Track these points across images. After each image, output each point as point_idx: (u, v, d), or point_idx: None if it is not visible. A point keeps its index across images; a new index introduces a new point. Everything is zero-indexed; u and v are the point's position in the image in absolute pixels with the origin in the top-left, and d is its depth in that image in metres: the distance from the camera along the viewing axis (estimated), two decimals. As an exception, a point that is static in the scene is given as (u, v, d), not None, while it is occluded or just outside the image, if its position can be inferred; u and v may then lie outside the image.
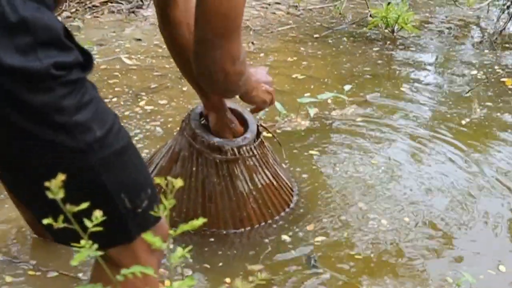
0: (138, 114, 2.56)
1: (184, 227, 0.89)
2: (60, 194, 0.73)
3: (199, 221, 0.89)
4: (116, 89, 2.83)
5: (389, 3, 3.67)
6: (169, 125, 2.45)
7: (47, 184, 0.73)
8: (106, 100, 2.69)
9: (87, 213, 0.81)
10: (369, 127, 2.50)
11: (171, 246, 1.66)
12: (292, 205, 1.89)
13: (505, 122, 2.56)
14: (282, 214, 1.85)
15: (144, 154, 2.11)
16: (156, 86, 2.87)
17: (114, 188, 1.06)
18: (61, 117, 0.95)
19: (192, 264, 1.64)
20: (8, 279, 1.58)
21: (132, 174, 1.10)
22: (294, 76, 3.06)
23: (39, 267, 1.63)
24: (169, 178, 0.84)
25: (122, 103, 2.67)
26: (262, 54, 3.42)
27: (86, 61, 0.99)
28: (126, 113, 2.56)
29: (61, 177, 0.73)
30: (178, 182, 0.85)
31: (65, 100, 0.95)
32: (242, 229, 1.77)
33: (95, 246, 0.82)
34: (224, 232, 1.76)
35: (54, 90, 0.93)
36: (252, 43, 3.59)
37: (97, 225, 0.98)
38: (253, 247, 1.73)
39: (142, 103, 2.67)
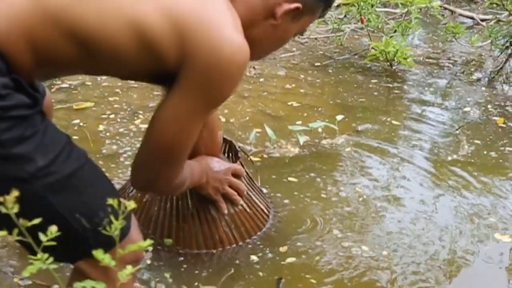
0: (132, 132, 2.64)
1: (131, 247, 0.96)
2: (15, 209, 0.81)
3: (146, 242, 0.97)
4: (115, 106, 2.92)
5: (391, 37, 3.76)
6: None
7: (1, 199, 0.81)
8: (103, 117, 2.79)
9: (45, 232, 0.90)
10: (356, 157, 2.56)
11: (148, 262, 1.77)
12: (264, 229, 1.94)
13: (490, 161, 2.60)
14: (255, 237, 1.90)
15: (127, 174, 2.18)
16: (154, 105, 2.95)
17: (66, 210, 1.17)
18: (1, 150, 1.07)
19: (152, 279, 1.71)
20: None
21: (86, 195, 1.20)
22: (289, 103, 3.13)
23: (14, 275, 1.70)
24: (121, 199, 0.92)
25: (118, 120, 2.75)
26: (262, 79, 3.50)
27: (33, 101, 1.13)
28: (120, 130, 2.64)
29: (14, 193, 0.81)
30: (131, 204, 0.93)
31: (4, 134, 1.07)
32: (214, 250, 1.83)
33: (50, 259, 0.90)
34: (196, 251, 1.82)
35: None
36: (254, 67, 3.67)
37: (60, 242, 1.07)
38: (223, 268, 1.77)
39: (138, 121, 2.75)
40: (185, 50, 1.25)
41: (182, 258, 1.80)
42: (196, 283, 1.69)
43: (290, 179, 2.32)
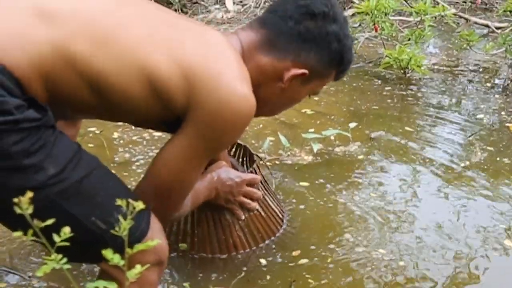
0: (145, 140, 2.69)
1: (139, 247, 1.00)
2: (29, 210, 0.86)
3: (153, 242, 1.02)
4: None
5: (405, 44, 3.79)
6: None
7: (15, 200, 0.87)
8: (119, 124, 2.84)
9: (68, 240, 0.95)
10: (369, 164, 2.59)
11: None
12: (278, 234, 1.98)
13: (503, 167, 2.62)
14: (267, 242, 1.94)
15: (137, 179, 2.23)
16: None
17: (81, 214, 1.24)
18: (10, 161, 1.14)
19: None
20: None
21: (99, 197, 1.26)
22: (303, 110, 3.17)
23: (30, 277, 1.75)
24: (130, 200, 0.97)
25: (133, 128, 2.80)
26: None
27: (42, 115, 1.20)
28: (134, 138, 2.70)
29: (29, 194, 0.86)
30: (140, 205, 0.97)
31: (15, 146, 1.14)
32: (226, 255, 1.87)
33: (64, 259, 0.94)
34: (210, 256, 1.86)
35: (1, 139, 1.13)
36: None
37: (79, 244, 1.12)
38: (235, 271, 1.81)
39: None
40: (193, 98, 1.31)
41: (196, 263, 1.84)
42: (208, 285, 1.73)
43: (304, 185, 2.36)
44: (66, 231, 0.93)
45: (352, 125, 2.84)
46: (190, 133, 1.36)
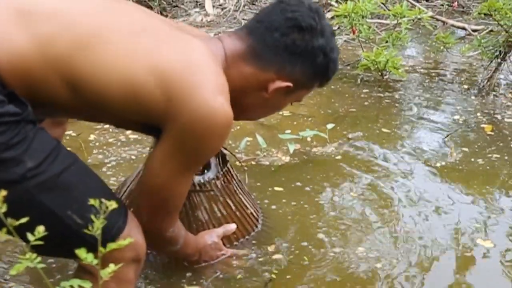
0: (120, 142, 2.69)
1: (112, 246, 1.01)
2: (3, 209, 0.86)
3: (126, 241, 1.02)
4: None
5: (382, 47, 3.82)
6: (143, 155, 2.55)
7: None
8: (97, 127, 2.84)
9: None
10: (346, 165, 2.60)
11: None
12: (253, 233, 1.99)
13: (477, 168, 2.65)
14: (242, 240, 1.95)
15: (112, 181, 2.25)
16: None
17: (58, 208, 1.25)
18: None
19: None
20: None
21: (76, 192, 1.27)
22: (281, 112, 3.18)
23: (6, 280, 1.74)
24: (103, 199, 0.97)
25: (111, 130, 2.80)
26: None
27: (22, 110, 1.21)
28: (110, 140, 2.70)
29: (3, 192, 0.86)
30: (113, 204, 0.98)
31: None
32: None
33: (39, 258, 0.94)
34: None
35: None
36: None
37: (57, 239, 1.12)
38: (209, 268, 1.82)
39: (129, 132, 2.79)
40: (170, 109, 1.33)
41: (171, 262, 1.84)
42: (182, 285, 1.74)
43: (279, 185, 2.37)
44: (41, 230, 0.93)
45: (330, 126, 2.85)
46: (169, 146, 1.38)
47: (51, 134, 1.33)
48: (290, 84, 1.50)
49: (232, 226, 1.86)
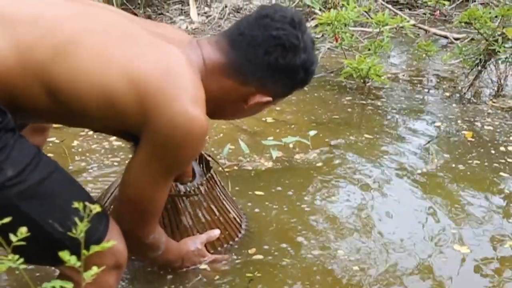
0: (103, 149, 2.70)
1: (95, 248, 1.02)
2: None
3: (109, 244, 1.03)
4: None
5: (365, 54, 3.86)
6: (126, 162, 2.54)
7: None
8: (81, 133, 2.84)
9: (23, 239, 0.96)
10: (328, 171, 2.62)
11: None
12: (237, 239, 2.00)
13: (458, 173, 2.68)
14: (225, 245, 1.96)
15: (89, 189, 2.24)
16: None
17: (38, 216, 1.26)
18: None
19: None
20: None
21: (57, 200, 1.28)
22: (264, 119, 3.20)
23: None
24: (87, 203, 0.98)
25: (95, 136, 2.80)
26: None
27: (2, 119, 1.22)
28: (93, 146, 2.70)
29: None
30: (97, 208, 0.99)
31: None
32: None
33: (21, 260, 0.95)
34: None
35: None
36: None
37: (38, 246, 1.12)
38: (191, 272, 1.84)
39: (112, 138, 2.80)
40: (147, 119, 1.34)
41: (151, 269, 1.85)
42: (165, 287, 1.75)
43: (261, 190, 2.39)
44: (23, 231, 0.94)
45: (312, 133, 2.88)
46: (146, 154, 1.39)
47: (32, 141, 1.34)
48: (270, 99, 1.54)
49: (216, 232, 1.87)
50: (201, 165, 2.09)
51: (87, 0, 1.49)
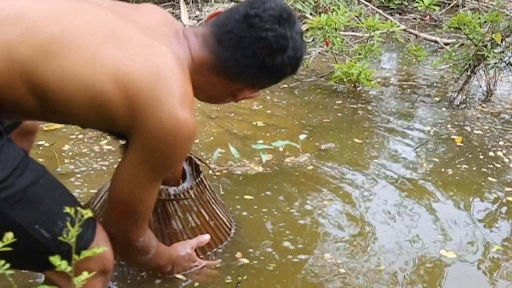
0: (93, 153, 2.69)
1: (85, 253, 1.02)
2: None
3: (99, 249, 1.03)
4: (85, 127, 2.96)
5: (356, 59, 3.88)
6: (115, 166, 2.53)
7: None
8: (71, 137, 2.83)
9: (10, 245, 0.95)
10: (317, 175, 2.63)
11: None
12: (226, 242, 2.01)
13: (446, 178, 2.69)
14: (215, 249, 1.97)
15: (76, 193, 2.25)
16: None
17: (25, 221, 1.25)
18: None
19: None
20: None
21: (43, 206, 1.27)
22: (254, 123, 3.21)
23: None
24: (78, 208, 0.98)
25: (85, 140, 2.80)
26: (229, 101, 3.57)
27: None
28: (84, 150, 2.69)
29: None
30: (88, 213, 0.99)
31: None
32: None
33: (7, 265, 0.95)
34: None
35: None
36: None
37: (24, 252, 1.12)
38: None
39: (103, 142, 2.80)
40: (136, 120, 1.33)
41: (141, 269, 1.85)
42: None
43: (250, 194, 2.39)
44: (9, 236, 0.94)
45: (302, 137, 2.89)
46: (136, 155, 1.39)
47: (19, 145, 1.33)
48: (258, 94, 1.57)
49: (206, 237, 1.87)
50: (192, 169, 2.09)
51: None
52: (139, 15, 1.49)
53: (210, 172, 2.32)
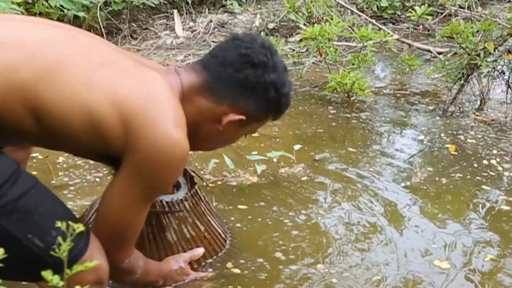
0: (88, 165, 2.69)
1: (78, 268, 1.02)
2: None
3: (92, 263, 1.03)
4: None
5: (350, 69, 3.89)
6: (109, 177, 2.54)
7: None
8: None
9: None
10: (312, 185, 2.63)
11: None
12: (220, 254, 2.00)
13: (440, 187, 2.70)
14: (210, 260, 1.96)
15: (70, 205, 2.22)
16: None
17: (18, 231, 1.26)
18: None
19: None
20: None
21: (36, 215, 1.28)
22: (249, 133, 3.21)
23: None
24: (70, 222, 0.98)
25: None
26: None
27: None
28: (78, 162, 2.69)
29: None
30: (80, 227, 0.99)
31: None
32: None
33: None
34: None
35: None
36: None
37: (18, 262, 1.11)
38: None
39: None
40: (130, 141, 1.36)
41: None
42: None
43: (245, 205, 2.39)
44: (1, 252, 0.94)
45: (297, 147, 2.89)
46: (128, 176, 1.40)
47: (15, 157, 1.35)
48: (243, 117, 1.56)
49: (200, 251, 1.87)
50: (186, 179, 2.09)
51: (72, 27, 1.54)
52: (132, 54, 1.60)
53: (204, 183, 2.32)
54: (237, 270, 1.95)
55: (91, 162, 2.71)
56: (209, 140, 1.64)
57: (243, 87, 1.53)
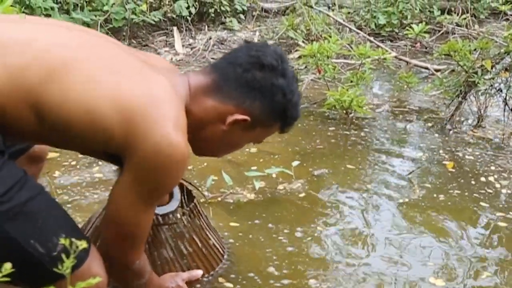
0: (85, 182, 2.70)
1: (81, 285, 1.02)
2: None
3: (96, 280, 1.04)
4: (79, 155, 2.98)
5: (348, 86, 3.92)
6: (106, 194, 2.55)
7: None
8: (65, 164, 2.84)
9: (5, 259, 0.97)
10: (311, 201, 2.64)
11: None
12: (217, 269, 2.01)
13: (439, 204, 2.71)
14: (207, 276, 1.97)
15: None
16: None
17: (20, 236, 1.28)
18: None
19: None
20: None
21: (39, 221, 1.31)
22: (248, 149, 3.22)
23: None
24: (73, 239, 0.99)
25: (78, 167, 2.81)
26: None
27: None
28: (75, 178, 2.71)
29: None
30: (83, 244, 1.00)
31: None
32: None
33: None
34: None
35: None
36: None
37: (19, 267, 1.12)
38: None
39: (95, 169, 2.82)
40: (131, 142, 1.38)
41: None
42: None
43: (241, 221, 2.41)
44: (8, 266, 0.95)
45: (295, 163, 2.91)
46: (130, 178, 1.41)
47: (28, 171, 1.37)
48: (247, 118, 1.55)
49: (198, 273, 1.89)
50: (183, 195, 2.10)
51: (81, 27, 1.57)
52: (142, 55, 1.60)
53: (202, 200, 2.32)
54: (229, 284, 1.95)
55: (89, 179, 2.72)
56: (213, 143, 1.63)
57: (250, 88, 1.53)
